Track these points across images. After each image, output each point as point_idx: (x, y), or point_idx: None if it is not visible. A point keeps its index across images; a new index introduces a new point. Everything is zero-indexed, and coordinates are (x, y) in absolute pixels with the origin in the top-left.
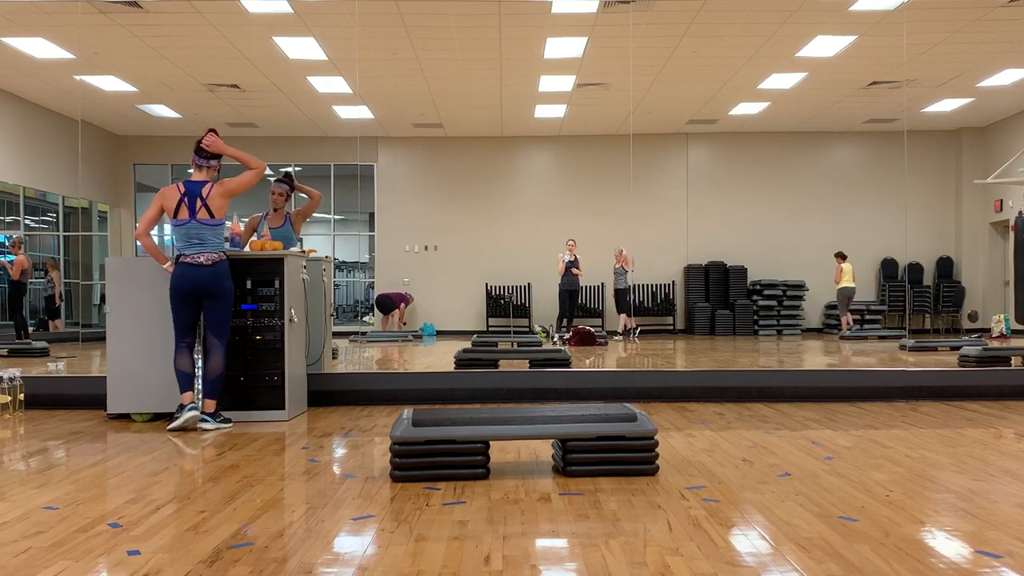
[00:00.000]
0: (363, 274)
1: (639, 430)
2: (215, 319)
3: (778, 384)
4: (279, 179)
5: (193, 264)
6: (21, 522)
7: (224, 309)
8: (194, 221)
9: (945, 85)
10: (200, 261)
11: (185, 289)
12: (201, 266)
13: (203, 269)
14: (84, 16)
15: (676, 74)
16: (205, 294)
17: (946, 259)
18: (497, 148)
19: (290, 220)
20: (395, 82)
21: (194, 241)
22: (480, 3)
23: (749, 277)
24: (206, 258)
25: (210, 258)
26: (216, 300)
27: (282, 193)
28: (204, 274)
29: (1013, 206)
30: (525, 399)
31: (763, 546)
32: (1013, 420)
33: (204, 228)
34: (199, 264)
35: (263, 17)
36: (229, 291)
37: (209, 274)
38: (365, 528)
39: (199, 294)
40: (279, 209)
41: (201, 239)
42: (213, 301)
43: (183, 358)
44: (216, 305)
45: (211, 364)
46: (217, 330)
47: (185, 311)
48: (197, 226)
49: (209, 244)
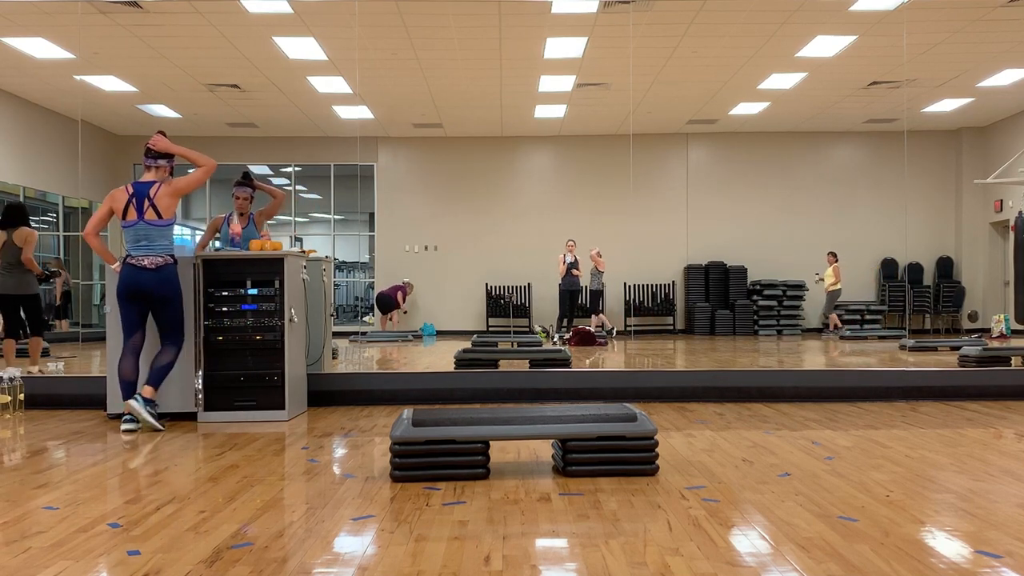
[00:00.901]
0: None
1: (639, 430)
2: (165, 323)
3: (778, 384)
4: (240, 182)
5: (137, 266)
6: (21, 522)
7: (173, 313)
8: (142, 222)
9: (945, 85)
10: (144, 264)
11: (128, 291)
12: (144, 269)
13: (146, 272)
14: (84, 16)
15: (676, 74)
16: (149, 297)
17: (946, 259)
18: (497, 148)
19: (253, 221)
20: (395, 82)
21: (141, 243)
22: (480, 3)
23: (749, 277)
24: (150, 261)
25: (154, 262)
26: (163, 304)
27: (247, 197)
28: (147, 277)
29: (1013, 206)
30: (525, 399)
31: (763, 546)
32: (1013, 420)
33: (151, 229)
34: (143, 267)
35: (263, 17)
36: (177, 294)
37: (152, 278)
38: (365, 528)
39: (142, 297)
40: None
41: (149, 240)
42: (160, 305)
43: (126, 363)
44: (164, 309)
45: (160, 356)
46: (170, 335)
47: (128, 311)
48: (145, 227)
49: (156, 246)
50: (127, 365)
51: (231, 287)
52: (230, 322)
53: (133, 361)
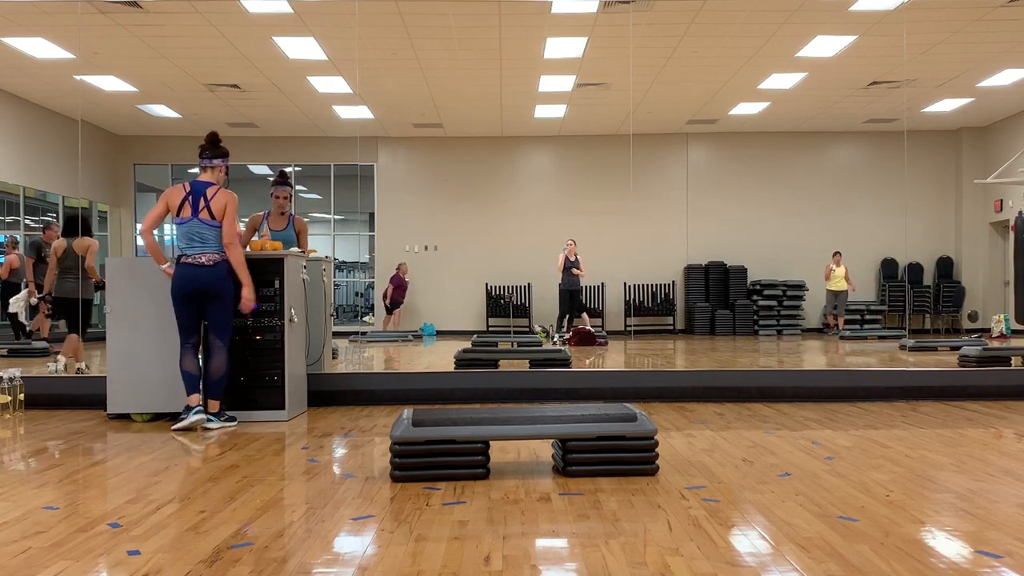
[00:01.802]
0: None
1: (639, 430)
2: (217, 320)
3: (778, 384)
4: (280, 181)
5: (194, 264)
6: (21, 522)
7: (226, 310)
8: (196, 220)
9: (945, 85)
10: (201, 261)
11: (186, 290)
12: (202, 266)
13: (203, 269)
14: (84, 16)
15: (676, 74)
16: (206, 295)
17: (946, 259)
18: (497, 148)
19: (293, 224)
20: (395, 82)
21: (195, 241)
22: (480, 3)
23: (749, 277)
24: (207, 258)
25: (211, 258)
26: (217, 301)
27: (287, 196)
28: (205, 274)
29: (1013, 206)
30: (525, 399)
31: (763, 546)
32: (1013, 420)
33: (206, 228)
34: (200, 264)
35: (263, 17)
36: (230, 291)
37: (210, 274)
38: (365, 528)
39: (200, 295)
40: (284, 212)
41: (203, 239)
42: (214, 302)
43: (188, 359)
44: (217, 306)
45: (213, 365)
46: (219, 331)
47: (186, 312)
48: (199, 225)
49: (210, 244)
50: (189, 361)
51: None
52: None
53: (194, 356)
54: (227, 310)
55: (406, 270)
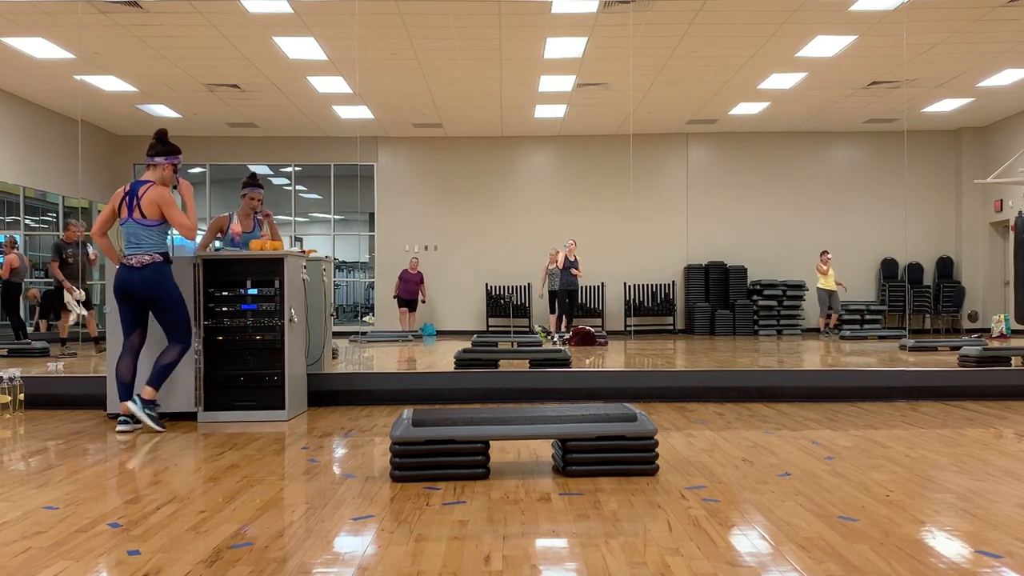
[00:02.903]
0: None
1: (639, 430)
2: (165, 323)
3: (778, 384)
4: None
5: (127, 266)
6: (21, 522)
7: (169, 311)
8: (131, 220)
9: (945, 85)
10: (131, 263)
11: (119, 289)
12: (132, 268)
13: (134, 272)
14: (84, 16)
15: (676, 74)
16: (140, 297)
17: (946, 259)
18: (497, 148)
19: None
20: (395, 82)
21: (131, 241)
22: (480, 3)
23: (749, 277)
24: (136, 260)
25: (140, 260)
26: (156, 304)
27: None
28: (136, 277)
29: (1013, 206)
30: (525, 399)
31: (763, 546)
32: (1013, 420)
33: (140, 228)
34: (130, 266)
35: (263, 17)
36: (168, 294)
37: (140, 277)
38: (365, 528)
39: (133, 296)
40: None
41: (137, 239)
42: (153, 305)
43: (122, 363)
44: (158, 309)
45: (164, 354)
46: (171, 333)
47: (123, 311)
48: (134, 225)
49: (144, 245)
50: (123, 366)
51: (231, 287)
52: (230, 322)
53: (130, 362)
54: (172, 311)
55: (414, 264)
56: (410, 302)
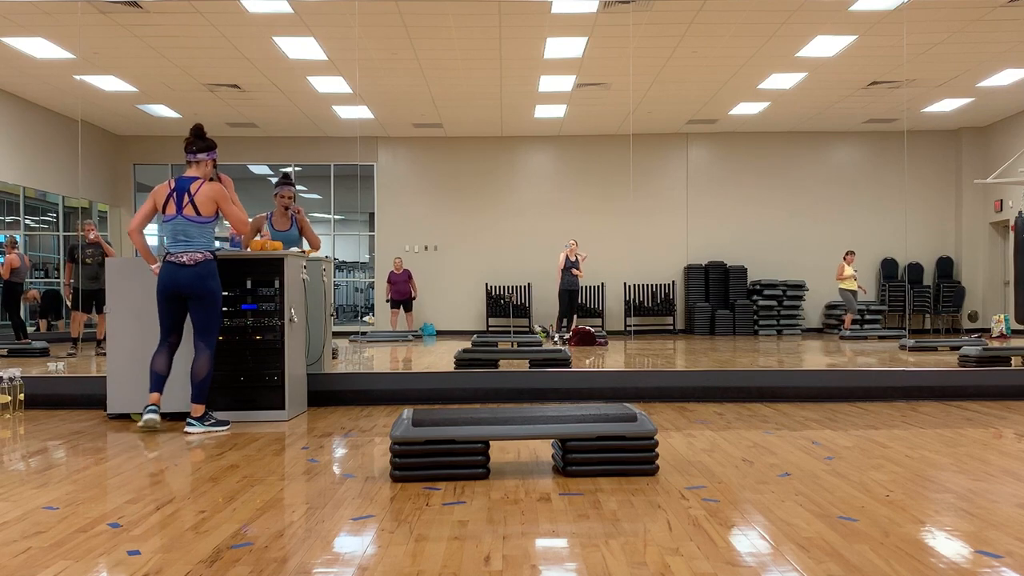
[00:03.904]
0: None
1: (639, 430)
2: (200, 321)
3: (778, 384)
4: (284, 181)
5: (176, 263)
6: (21, 522)
7: (209, 311)
8: (180, 217)
9: (945, 85)
10: (183, 260)
11: (167, 289)
12: (183, 266)
13: (185, 269)
14: (84, 16)
15: (676, 74)
16: (187, 295)
17: (946, 259)
18: (497, 148)
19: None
20: (395, 82)
21: (180, 238)
22: (480, 3)
23: (749, 277)
24: (188, 258)
25: (193, 258)
26: (199, 301)
27: (292, 196)
28: (186, 274)
29: (1013, 206)
30: (525, 399)
31: (763, 546)
32: (1013, 420)
33: (190, 225)
34: (181, 264)
35: (263, 17)
36: (213, 292)
37: (191, 274)
38: (365, 528)
39: (181, 294)
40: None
41: (187, 236)
42: (196, 302)
43: (159, 358)
44: (200, 307)
45: (196, 367)
46: (203, 333)
47: (167, 311)
48: (183, 222)
49: (195, 242)
50: (161, 361)
51: (231, 287)
52: (230, 322)
53: (168, 359)
54: (210, 311)
55: (398, 265)
56: (403, 302)
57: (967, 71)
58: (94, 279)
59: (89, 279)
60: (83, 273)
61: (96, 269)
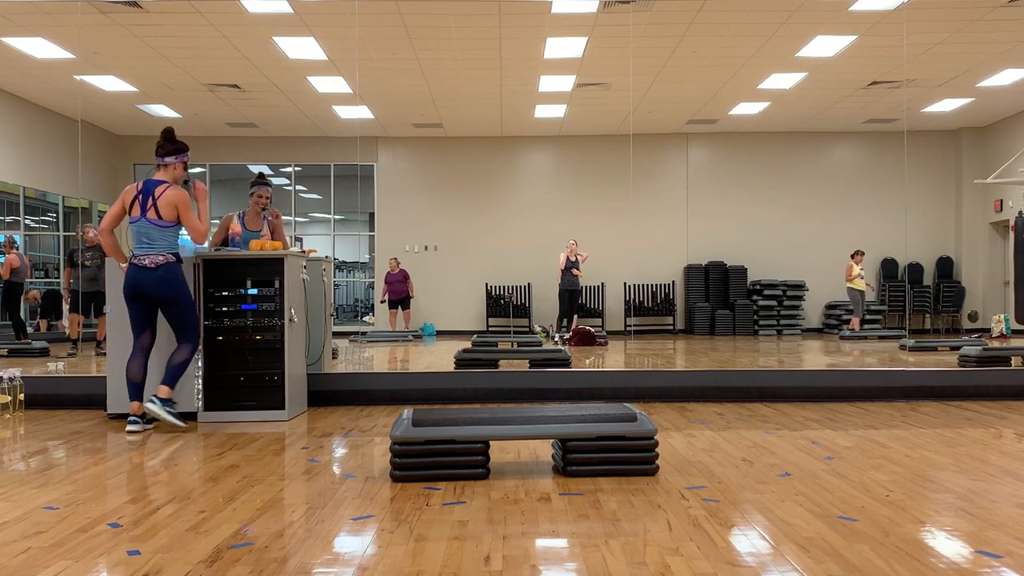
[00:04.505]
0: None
1: (639, 430)
2: (174, 323)
3: (778, 384)
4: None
5: (139, 266)
6: (21, 522)
7: (181, 312)
8: (144, 219)
9: (945, 85)
10: (144, 263)
11: (130, 289)
12: (144, 268)
13: (147, 272)
14: (84, 16)
15: (676, 74)
16: (152, 298)
17: (946, 259)
18: (497, 148)
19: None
20: (395, 82)
21: (143, 241)
22: (480, 3)
23: (749, 277)
24: (150, 260)
25: (154, 260)
26: (169, 304)
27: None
28: (148, 277)
29: (1013, 206)
30: (525, 399)
31: (763, 546)
32: (1013, 420)
33: (153, 228)
34: (143, 266)
35: (263, 17)
36: (180, 294)
37: (153, 278)
38: (365, 528)
39: (144, 296)
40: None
41: (150, 239)
42: (165, 305)
43: (133, 365)
44: (170, 309)
45: (176, 353)
46: (181, 332)
47: (134, 311)
48: (147, 225)
49: (157, 245)
50: (134, 366)
51: (231, 287)
52: (230, 322)
53: (141, 362)
54: (183, 311)
55: (393, 265)
56: (400, 301)
57: (967, 71)
58: (93, 280)
59: (88, 281)
60: (82, 275)
61: (95, 271)
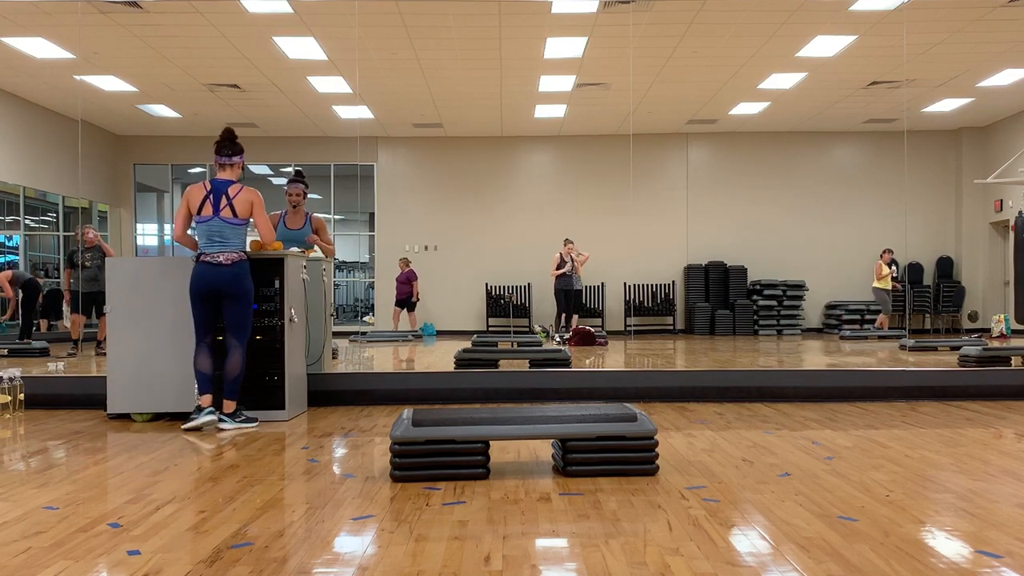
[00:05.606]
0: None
1: (639, 430)
2: (234, 320)
3: (778, 384)
4: (294, 179)
5: (212, 263)
6: (21, 522)
7: (243, 310)
8: (216, 218)
9: (945, 85)
10: (220, 260)
11: (203, 289)
12: (220, 265)
13: (222, 269)
14: (84, 16)
15: (676, 74)
16: (223, 294)
17: (946, 259)
18: (497, 148)
19: (310, 222)
20: (395, 82)
21: (215, 239)
22: (480, 3)
23: (749, 277)
24: (225, 257)
25: (229, 258)
26: (235, 300)
27: (300, 192)
28: (223, 274)
29: (1013, 206)
30: (525, 399)
31: (763, 546)
32: (1013, 420)
33: (226, 226)
34: (218, 263)
35: (263, 17)
36: (248, 291)
37: (228, 274)
38: (365, 528)
39: (217, 294)
40: (298, 208)
41: (223, 237)
42: (231, 301)
43: (202, 358)
44: (234, 306)
45: (229, 364)
46: (236, 331)
47: (202, 310)
48: (220, 224)
49: (231, 243)
50: (203, 360)
51: None
52: None
53: (209, 355)
54: (244, 310)
55: (401, 265)
56: (402, 302)
57: (967, 71)
58: (93, 281)
59: (88, 281)
60: (82, 276)
61: (95, 271)
